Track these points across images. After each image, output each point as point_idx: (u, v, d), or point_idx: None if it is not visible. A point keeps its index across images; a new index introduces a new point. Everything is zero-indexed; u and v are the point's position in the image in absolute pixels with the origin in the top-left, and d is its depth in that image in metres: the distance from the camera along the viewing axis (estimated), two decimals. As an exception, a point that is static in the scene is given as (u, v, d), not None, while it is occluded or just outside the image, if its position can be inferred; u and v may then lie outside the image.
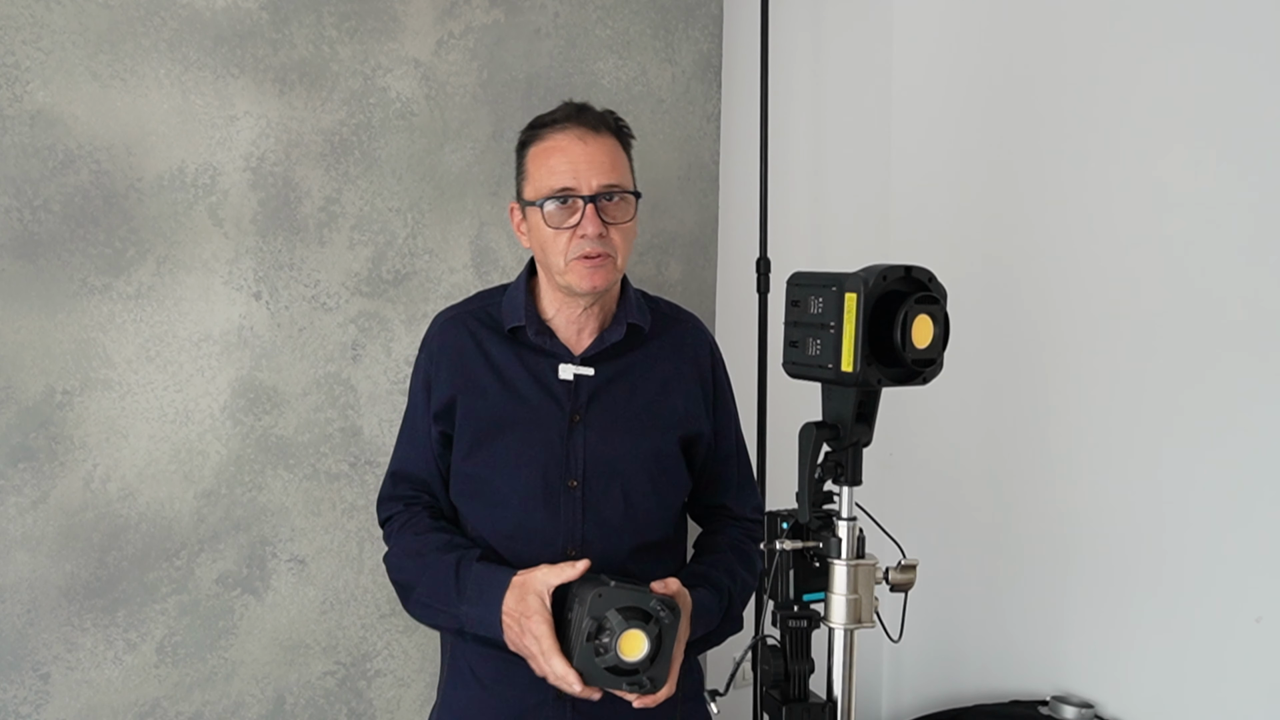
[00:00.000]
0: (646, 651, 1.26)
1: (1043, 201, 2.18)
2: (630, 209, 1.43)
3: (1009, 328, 2.26)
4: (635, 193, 1.43)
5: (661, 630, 1.27)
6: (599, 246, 1.38)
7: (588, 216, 1.37)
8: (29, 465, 1.67)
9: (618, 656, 1.26)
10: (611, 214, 1.40)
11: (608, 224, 1.39)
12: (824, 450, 1.10)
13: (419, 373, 1.53)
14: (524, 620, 1.32)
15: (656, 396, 1.50)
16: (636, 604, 1.27)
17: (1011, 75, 2.26)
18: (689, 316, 1.61)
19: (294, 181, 1.85)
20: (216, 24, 1.78)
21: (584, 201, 1.38)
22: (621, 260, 1.42)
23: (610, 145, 1.43)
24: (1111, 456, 2.03)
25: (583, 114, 1.42)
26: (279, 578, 1.88)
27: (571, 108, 1.44)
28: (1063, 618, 2.14)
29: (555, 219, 1.39)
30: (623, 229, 1.41)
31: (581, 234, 1.37)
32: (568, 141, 1.40)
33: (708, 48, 2.25)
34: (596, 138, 1.41)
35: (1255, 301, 1.79)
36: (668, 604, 1.28)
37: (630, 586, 1.29)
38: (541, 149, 1.42)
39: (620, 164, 1.43)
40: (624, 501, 1.45)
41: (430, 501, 1.54)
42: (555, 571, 1.33)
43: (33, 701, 1.69)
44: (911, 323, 1.03)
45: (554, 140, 1.41)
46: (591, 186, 1.38)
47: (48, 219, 1.67)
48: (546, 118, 1.44)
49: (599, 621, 1.26)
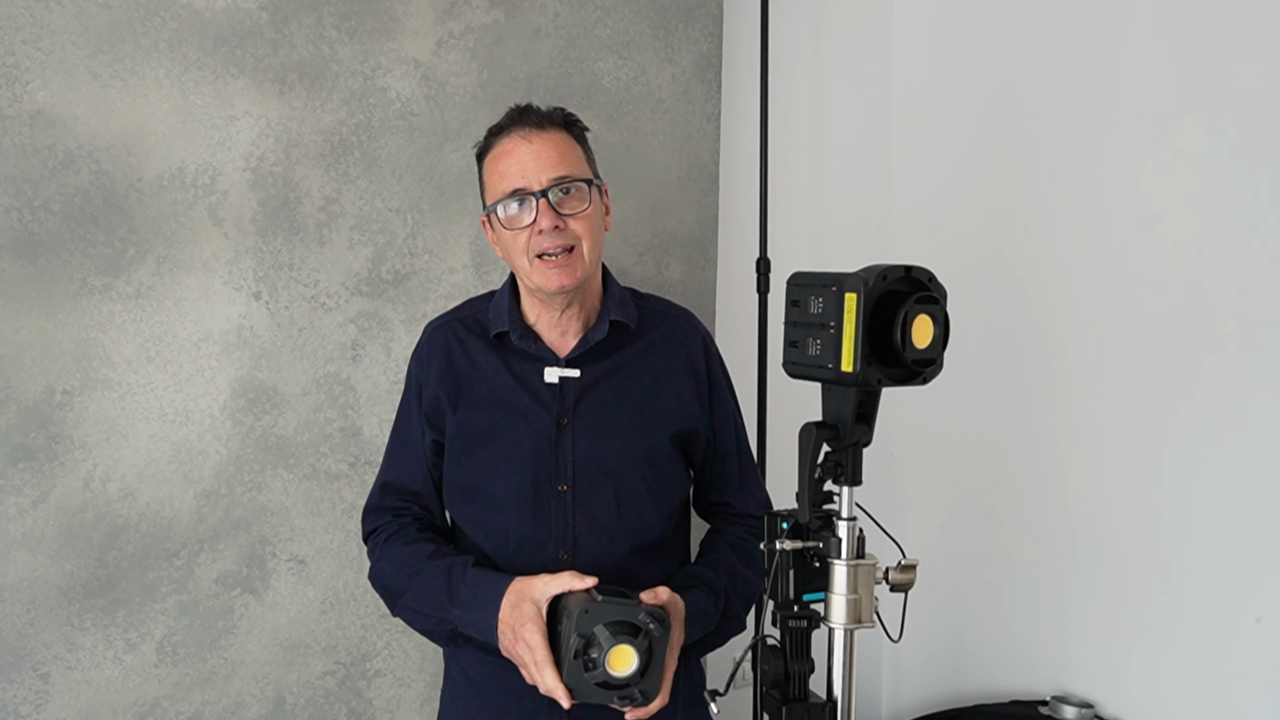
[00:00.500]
0: (636, 666, 1.24)
1: (1043, 201, 2.18)
2: (586, 197, 1.42)
3: (1009, 328, 2.26)
4: (589, 180, 1.43)
5: (651, 643, 1.25)
6: (558, 239, 1.38)
7: (541, 211, 1.38)
8: (29, 465, 1.67)
9: (607, 672, 1.24)
10: (567, 205, 1.40)
11: (565, 216, 1.39)
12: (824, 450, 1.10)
13: (410, 381, 1.53)
14: (518, 628, 1.31)
15: (647, 394, 1.49)
16: (624, 618, 1.25)
17: (1011, 75, 2.26)
18: (681, 312, 1.59)
19: (294, 181, 1.85)
20: (216, 24, 1.78)
21: (535, 198, 1.38)
22: (589, 251, 1.41)
23: (558, 139, 1.42)
24: (1112, 456, 2.03)
25: (525, 115, 1.43)
26: (279, 578, 1.88)
27: (515, 111, 1.44)
28: (1063, 618, 2.14)
29: (512, 220, 1.40)
30: (583, 219, 1.40)
31: (539, 229, 1.38)
32: (513, 144, 1.41)
33: (708, 48, 2.25)
34: (542, 134, 1.41)
35: (1258, 302, 1.79)
36: (656, 616, 1.25)
37: (618, 600, 1.26)
38: (493, 156, 1.44)
39: (570, 155, 1.42)
40: (616, 503, 1.44)
41: (420, 513, 1.52)
42: (556, 581, 1.32)
43: (33, 701, 1.69)
44: (911, 323, 1.03)
45: (502, 145, 1.42)
46: (541, 182, 1.38)
47: (48, 219, 1.67)
48: (496, 126, 1.45)
49: (586, 638, 1.24)
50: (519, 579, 1.35)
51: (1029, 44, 2.22)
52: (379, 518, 1.54)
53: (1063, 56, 2.14)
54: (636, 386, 1.49)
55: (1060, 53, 2.14)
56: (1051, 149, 2.16)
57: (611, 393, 1.47)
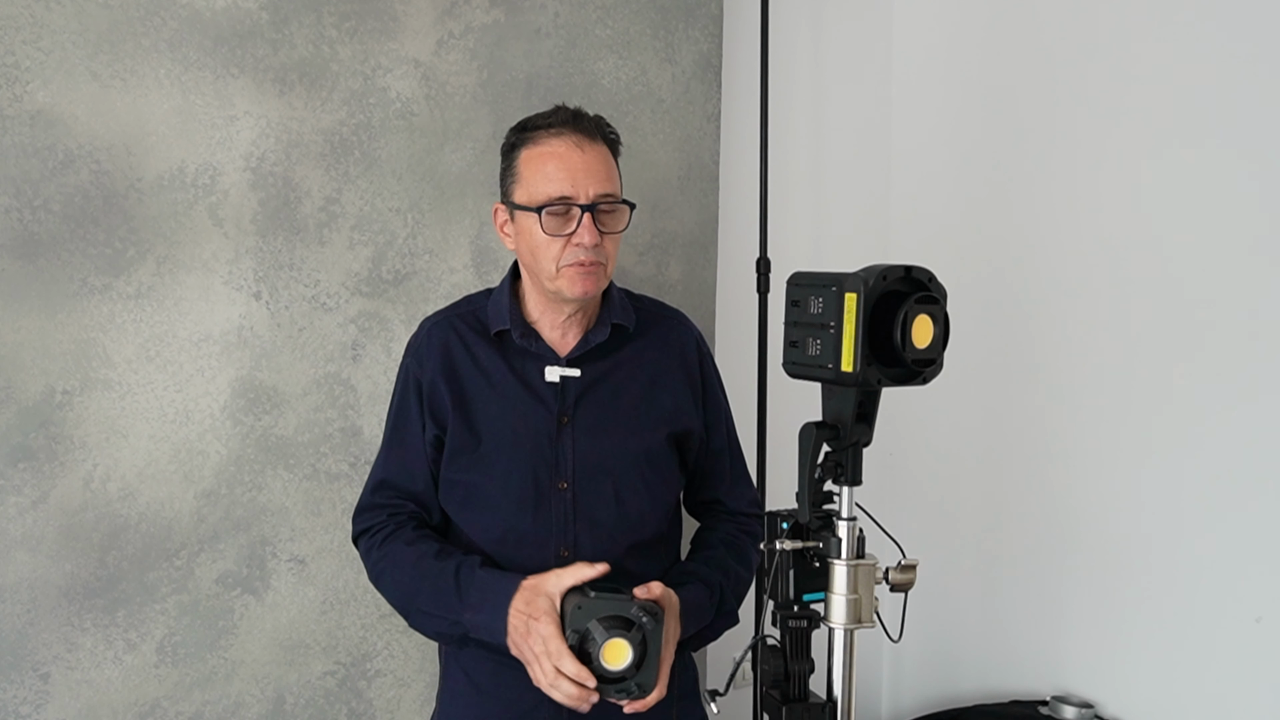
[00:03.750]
0: (631, 659, 1.27)
1: (1043, 201, 2.18)
2: (623, 219, 1.42)
3: (1009, 328, 2.26)
4: (628, 202, 1.43)
5: (645, 636, 1.28)
6: (593, 255, 1.38)
7: (585, 225, 1.37)
8: (29, 465, 1.67)
9: (603, 666, 1.27)
10: (607, 223, 1.39)
11: (602, 233, 1.39)
12: (824, 450, 1.10)
13: (407, 378, 1.51)
14: (531, 622, 1.31)
15: (644, 394, 1.50)
16: (618, 613, 1.28)
17: (1011, 75, 2.26)
18: (674, 313, 1.60)
19: (294, 181, 1.85)
20: (216, 24, 1.78)
21: (581, 210, 1.37)
22: (610, 267, 1.43)
23: (605, 154, 1.42)
24: (1112, 456, 2.03)
25: (579, 121, 1.41)
26: (279, 578, 1.88)
27: (567, 113, 1.42)
28: (1063, 618, 2.14)
29: (552, 226, 1.38)
30: (615, 238, 1.42)
31: (578, 242, 1.37)
32: (565, 148, 1.38)
33: (708, 48, 2.25)
34: (593, 145, 1.40)
35: (1256, 299, 1.79)
36: (648, 609, 1.29)
37: (610, 596, 1.30)
38: (536, 153, 1.40)
39: (614, 173, 1.43)
40: (615, 501, 1.45)
41: (415, 511, 1.51)
42: (568, 573, 1.32)
43: (33, 701, 1.69)
44: (911, 323, 1.03)
45: (550, 145, 1.39)
46: (589, 195, 1.37)
47: (48, 219, 1.67)
48: (540, 120, 1.42)
49: (581, 634, 1.28)
50: (531, 577, 1.34)
51: (1029, 44, 2.22)
52: (373, 516, 1.51)
53: (1063, 57, 2.14)
54: (634, 386, 1.50)
55: (1060, 53, 2.14)
56: (1051, 149, 2.16)
57: (610, 393, 1.48)
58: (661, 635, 1.30)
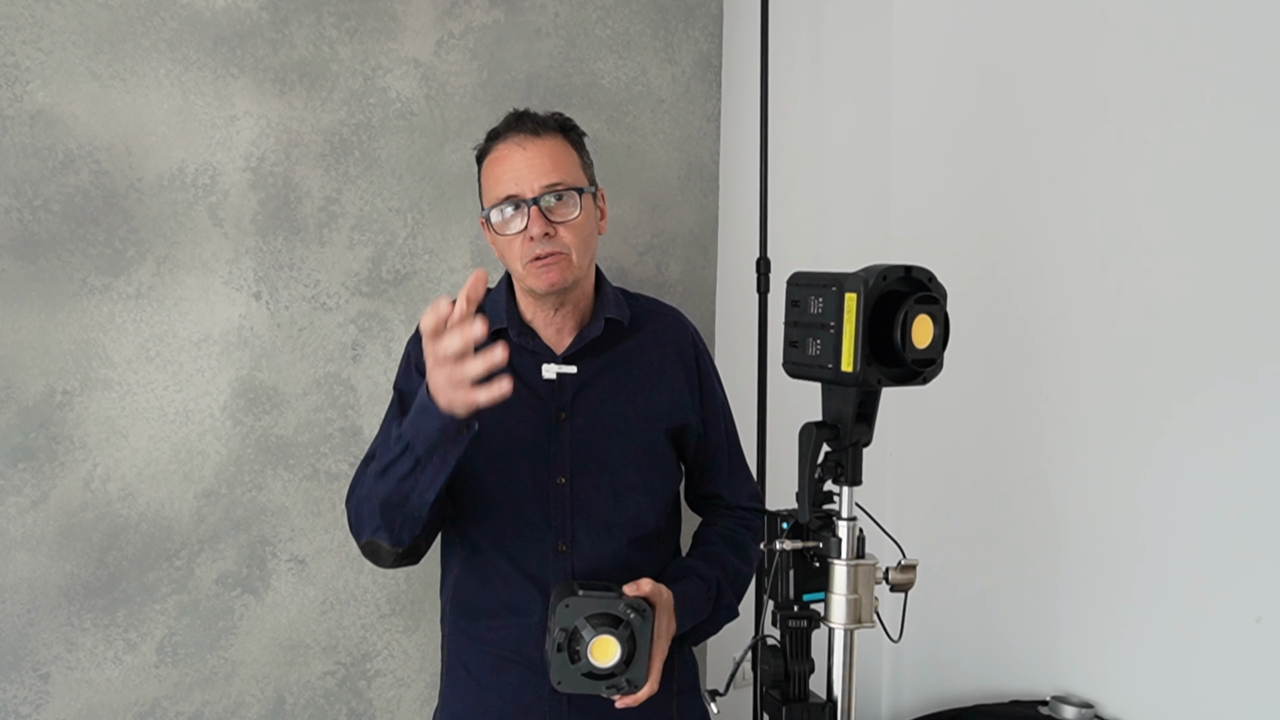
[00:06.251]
0: (619, 655, 1.29)
1: (1043, 202, 2.18)
2: (577, 205, 1.42)
3: (1009, 328, 2.26)
4: (581, 188, 1.43)
5: (633, 633, 1.30)
6: (548, 246, 1.39)
7: (532, 219, 1.39)
8: (29, 465, 1.67)
9: (591, 663, 1.29)
10: (558, 213, 1.41)
11: (556, 223, 1.40)
12: (824, 450, 1.10)
13: (409, 361, 1.52)
14: (427, 344, 1.18)
15: (641, 390, 1.52)
16: (605, 610, 1.30)
17: (1011, 75, 2.26)
18: (669, 309, 1.62)
19: (294, 181, 1.85)
20: (216, 24, 1.78)
21: (527, 205, 1.40)
22: (578, 256, 1.42)
23: (553, 145, 1.43)
24: (1112, 456, 2.03)
25: (522, 121, 1.44)
26: (279, 578, 1.88)
27: (513, 117, 1.45)
28: (1063, 617, 2.14)
29: (504, 226, 1.41)
30: (572, 226, 1.41)
31: (530, 236, 1.39)
32: (509, 150, 1.42)
33: (708, 48, 2.25)
34: (537, 141, 1.42)
35: (1254, 300, 1.79)
36: (635, 606, 1.30)
37: (598, 593, 1.32)
38: (489, 162, 1.45)
39: (564, 162, 1.43)
40: (613, 496, 1.47)
41: None
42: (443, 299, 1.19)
43: (33, 701, 1.69)
44: (911, 323, 1.03)
45: (498, 152, 1.43)
46: (534, 189, 1.40)
47: (48, 219, 1.67)
48: (495, 130, 1.46)
49: (569, 632, 1.30)
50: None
51: (1029, 44, 2.22)
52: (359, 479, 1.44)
53: (1063, 57, 2.14)
54: (631, 382, 1.51)
55: (1060, 53, 2.14)
56: (1051, 149, 2.16)
57: (607, 388, 1.50)
58: (650, 631, 1.32)
